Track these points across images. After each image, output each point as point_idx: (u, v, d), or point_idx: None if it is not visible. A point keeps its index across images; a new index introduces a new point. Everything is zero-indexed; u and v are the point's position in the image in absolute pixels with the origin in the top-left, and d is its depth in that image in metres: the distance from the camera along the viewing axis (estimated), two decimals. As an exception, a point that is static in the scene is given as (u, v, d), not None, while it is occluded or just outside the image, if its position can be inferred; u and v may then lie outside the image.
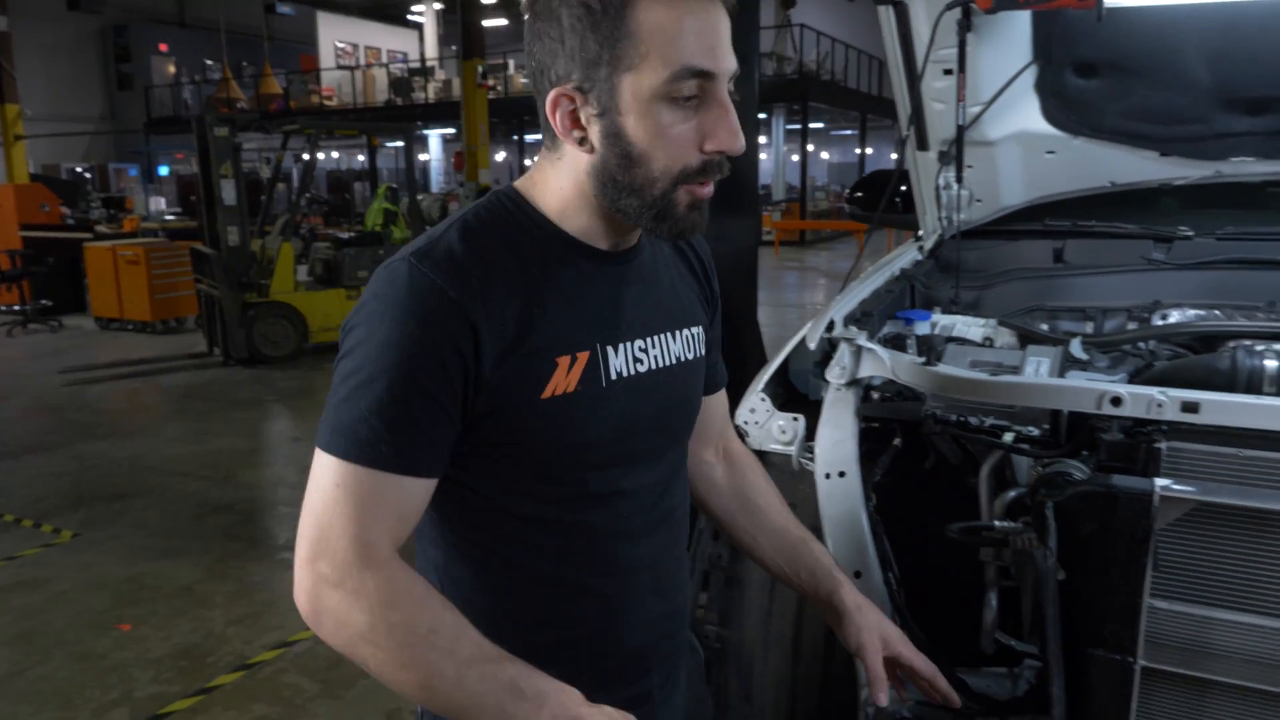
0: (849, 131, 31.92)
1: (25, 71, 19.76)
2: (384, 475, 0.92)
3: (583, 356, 1.00)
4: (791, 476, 1.81)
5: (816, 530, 1.67)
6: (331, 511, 0.92)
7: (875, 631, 1.22)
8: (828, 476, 1.67)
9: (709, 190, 0.99)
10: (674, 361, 1.10)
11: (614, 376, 1.03)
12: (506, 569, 1.04)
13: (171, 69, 26.77)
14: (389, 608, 0.90)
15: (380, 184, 10.61)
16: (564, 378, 0.98)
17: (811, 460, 1.77)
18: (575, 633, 1.07)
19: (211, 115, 8.24)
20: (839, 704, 1.65)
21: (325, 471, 0.93)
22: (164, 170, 25.91)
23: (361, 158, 27.71)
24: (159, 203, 20.19)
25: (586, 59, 0.93)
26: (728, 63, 0.94)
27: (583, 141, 0.97)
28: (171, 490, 5.10)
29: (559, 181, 1.01)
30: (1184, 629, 1.34)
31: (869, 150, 26.95)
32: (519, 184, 1.05)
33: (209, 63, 26.22)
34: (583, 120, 0.96)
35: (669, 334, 1.10)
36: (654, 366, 1.07)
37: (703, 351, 1.17)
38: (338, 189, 22.76)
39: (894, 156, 28.59)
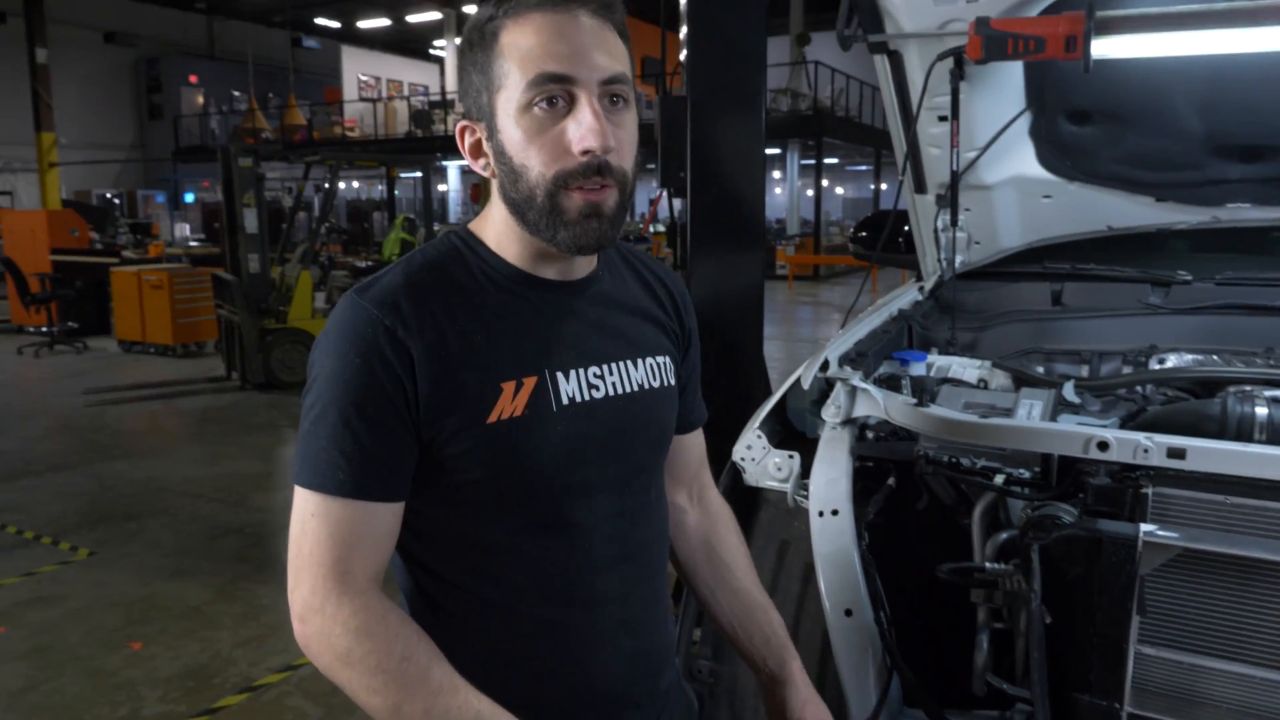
0: (863, 167, 32.03)
1: (61, 101, 20.18)
2: (349, 503, 0.95)
3: (529, 381, 1.01)
4: (786, 513, 1.82)
5: (810, 568, 1.68)
6: (308, 541, 0.96)
7: (821, 705, 1.22)
8: (821, 514, 1.67)
9: (604, 196, 0.98)
10: (635, 389, 1.09)
11: (565, 402, 1.02)
12: (467, 599, 1.04)
13: (200, 99, 27.23)
14: (363, 634, 0.92)
15: (398, 214, 10.73)
16: (510, 402, 0.99)
17: (806, 498, 1.77)
18: (538, 668, 1.05)
19: (236, 146, 8.37)
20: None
21: (301, 503, 0.97)
22: (189, 197, 26.28)
23: (381, 188, 28.00)
24: (184, 229, 20.47)
25: (473, 89, 1.00)
26: (587, 67, 0.96)
27: (486, 167, 1.03)
28: (185, 512, 5.13)
29: (494, 213, 1.05)
30: (1171, 676, 1.33)
31: (883, 185, 27.00)
32: (472, 223, 1.09)
33: (236, 94, 26.66)
34: (483, 148, 1.02)
35: (628, 362, 1.10)
36: (612, 393, 1.07)
37: (672, 381, 1.16)
38: (357, 218, 22.97)
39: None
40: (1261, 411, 1.55)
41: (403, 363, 0.95)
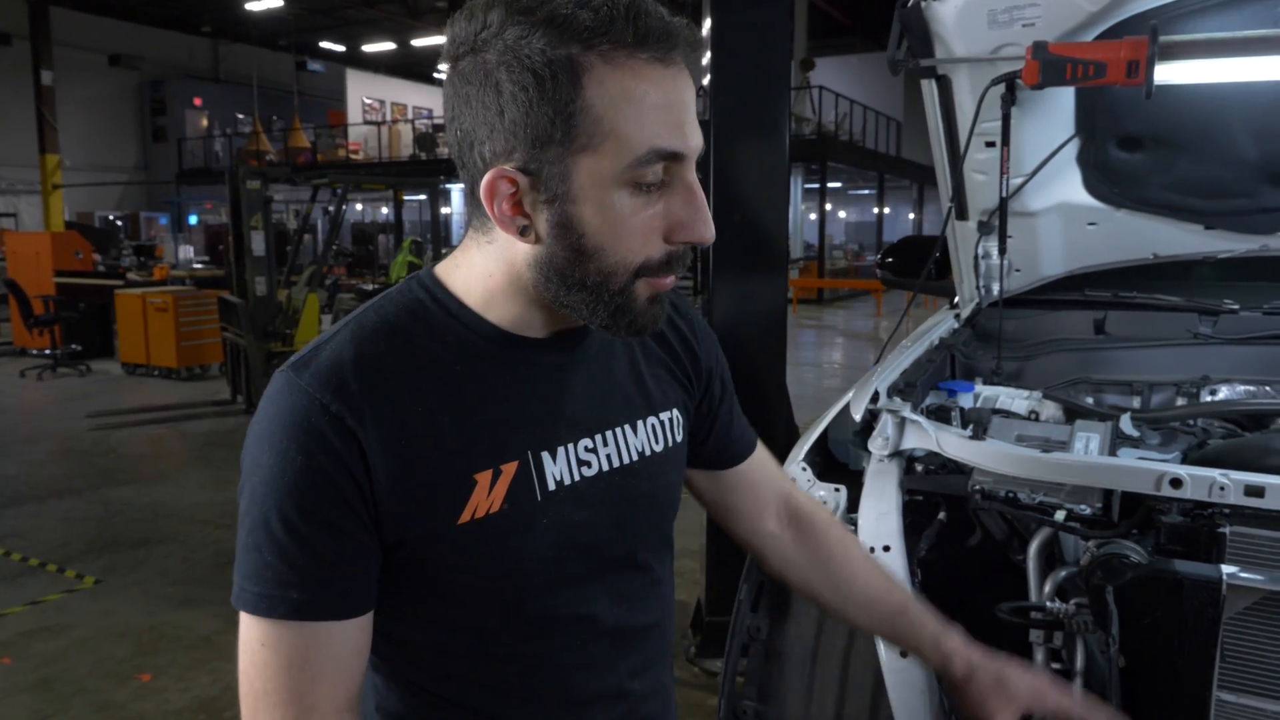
0: (866, 191, 32.17)
1: (66, 123, 20.32)
2: (306, 626, 0.80)
3: (509, 468, 0.86)
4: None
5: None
6: (262, 675, 0.81)
7: (996, 696, 1.09)
8: (873, 550, 1.62)
9: (671, 283, 0.86)
10: (635, 458, 0.95)
11: (552, 487, 0.88)
12: (442, 706, 0.91)
13: (204, 122, 27.42)
14: None
15: (405, 237, 10.73)
16: (486, 496, 0.84)
17: (854, 532, 1.73)
18: None
19: (244, 169, 8.38)
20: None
21: (248, 631, 0.82)
22: (193, 219, 26.39)
23: (386, 210, 28.13)
24: (188, 251, 20.51)
25: (534, 136, 0.78)
26: (696, 141, 0.81)
27: (525, 230, 0.82)
28: (193, 538, 5.07)
29: (487, 267, 0.87)
30: (1252, 723, 1.28)
31: (886, 210, 27.10)
32: (439, 268, 0.91)
33: (240, 116, 26.83)
34: (526, 207, 0.81)
35: (627, 426, 0.95)
36: (607, 468, 0.93)
37: (679, 438, 1.02)
38: (363, 241, 23.05)
39: (911, 217, 28.72)
40: (1332, 446, 1.51)
41: (353, 456, 0.79)
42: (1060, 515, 1.52)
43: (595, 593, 0.93)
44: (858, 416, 1.77)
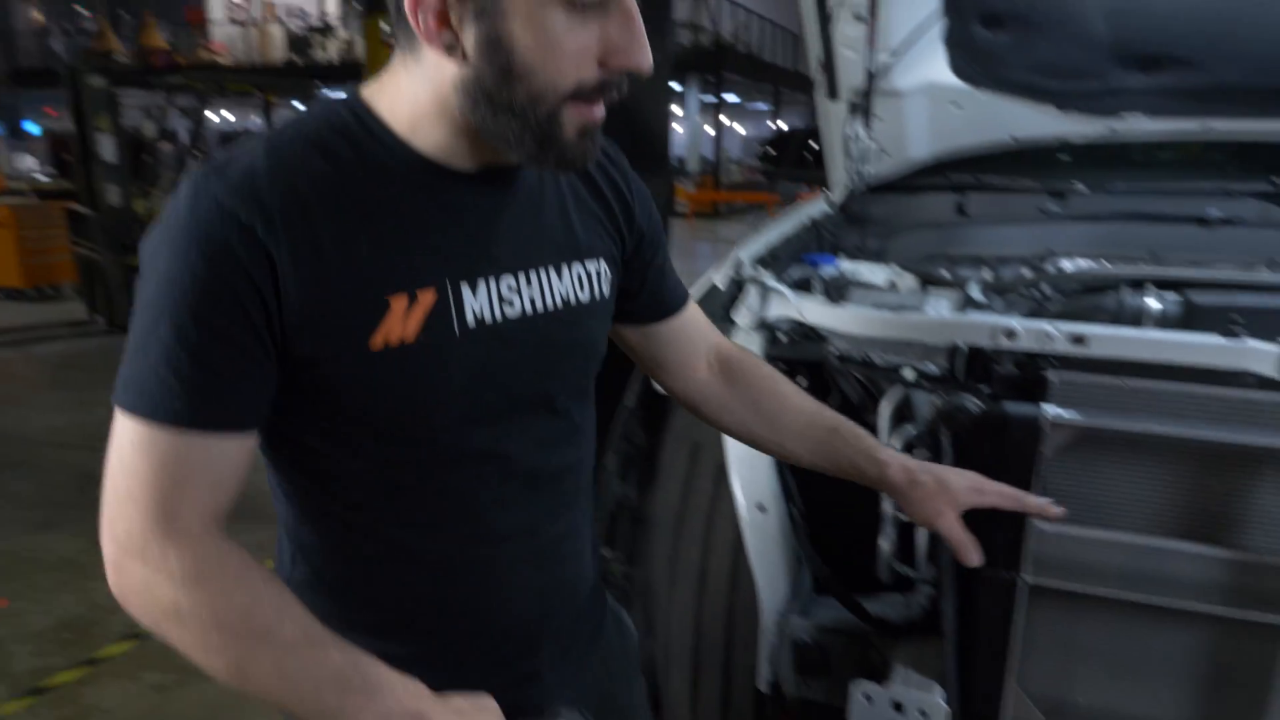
0: (762, 106, 32.26)
1: None
2: (184, 434, 0.80)
3: (426, 297, 0.85)
4: (698, 419, 1.86)
5: (722, 468, 1.73)
6: (129, 476, 0.80)
7: (937, 498, 1.13)
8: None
9: (601, 113, 0.86)
10: (559, 304, 0.96)
11: (471, 323, 0.88)
12: (355, 536, 0.93)
13: (37, 15, 25.20)
14: (195, 584, 0.79)
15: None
16: (400, 323, 0.84)
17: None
18: (436, 608, 0.97)
19: (85, 63, 7.81)
20: (743, 635, 1.71)
21: (122, 431, 0.81)
22: (34, 129, 24.48)
23: (257, 118, 26.69)
24: (27, 161, 19.07)
25: None
26: None
27: (452, 48, 0.81)
28: (49, 461, 4.88)
29: (414, 91, 0.86)
30: (1066, 549, 1.43)
31: (783, 125, 27.30)
32: (366, 90, 0.89)
33: (82, 10, 24.78)
34: (454, 21, 0.79)
35: (551, 269, 0.95)
36: (529, 310, 0.93)
37: (605, 293, 1.02)
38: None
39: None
40: (1153, 304, 1.67)
41: (261, 270, 0.78)
42: (909, 373, 1.64)
43: (510, 432, 0.94)
44: (722, 285, 1.85)
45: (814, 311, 1.70)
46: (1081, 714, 1.46)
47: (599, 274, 1.02)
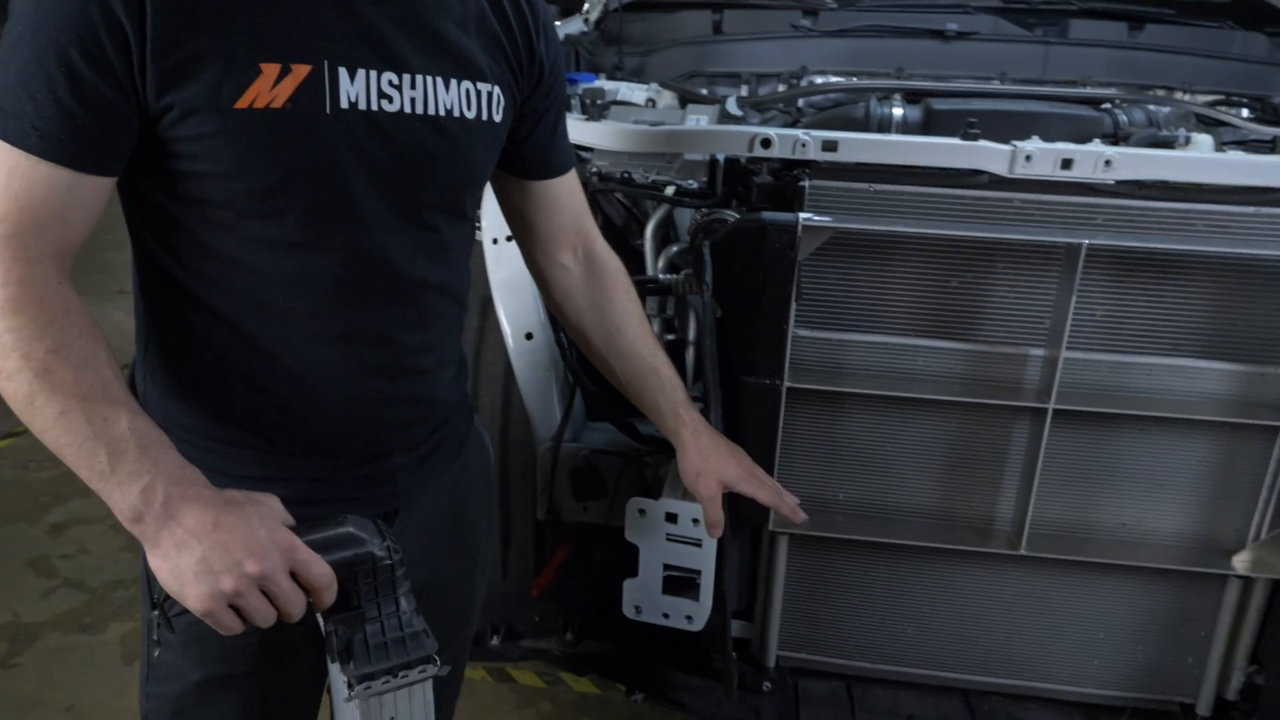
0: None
1: None
2: (36, 161, 0.79)
3: (300, 69, 0.84)
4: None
5: (488, 299, 1.66)
6: None
7: (713, 476, 1.22)
8: (495, 242, 1.63)
9: None
10: (443, 113, 0.94)
11: (345, 105, 0.87)
12: (202, 319, 0.91)
13: None
14: (10, 308, 0.78)
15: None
16: (269, 89, 0.82)
17: (479, 228, 1.72)
18: (280, 399, 0.95)
19: None
20: (518, 467, 1.69)
21: None
22: None
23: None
24: None
25: None
26: None
27: None
28: None
29: None
30: (822, 352, 1.50)
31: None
32: None
33: None
34: None
35: (439, 79, 0.93)
36: (408, 110, 0.91)
37: (496, 117, 1.00)
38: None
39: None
40: (897, 112, 1.73)
41: (130, 9, 0.77)
42: (670, 190, 1.61)
43: (374, 233, 0.93)
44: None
45: (572, 129, 1.61)
46: (842, 508, 1.56)
47: (491, 96, 0.99)
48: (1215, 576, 1.51)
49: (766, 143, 1.46)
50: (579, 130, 1.61)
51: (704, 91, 2.02)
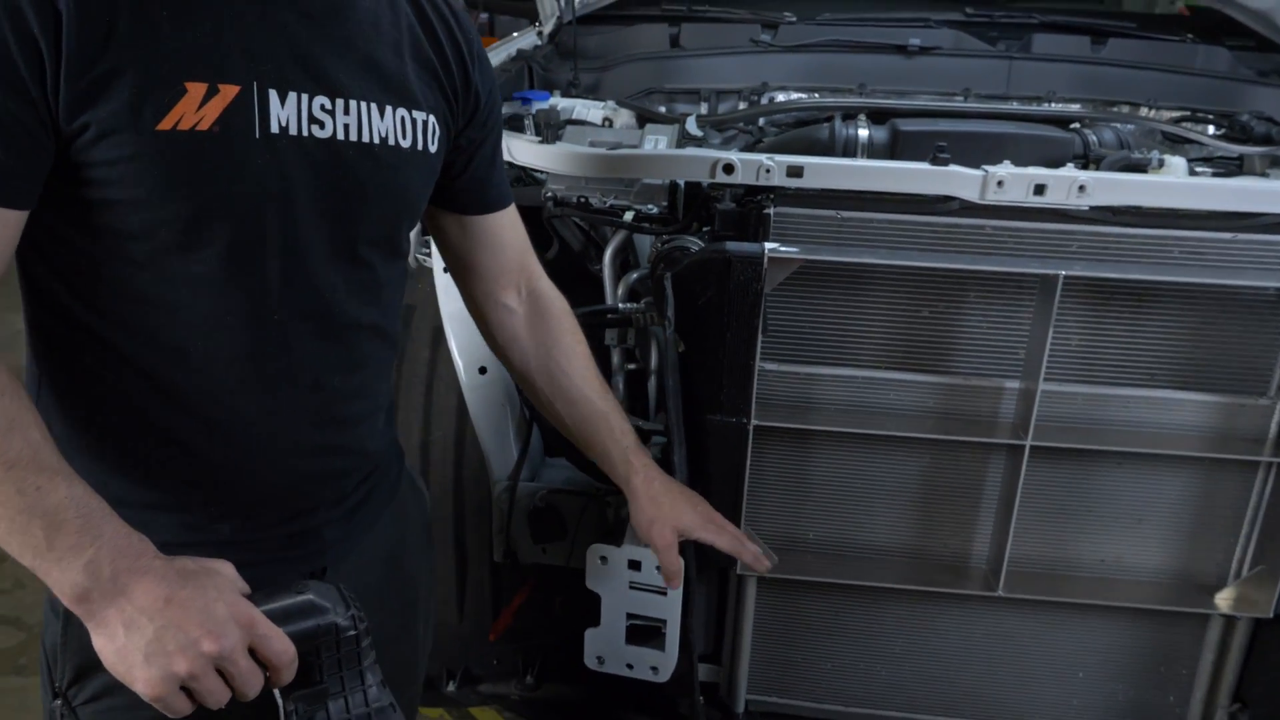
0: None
1: None
2: None
3: (229, 90, 0.79)
4: (409, 276, 1.68)
5: (439, 330, 1.58)
6: None
7: (667, 524, 1.19)
8: (445, 270, 1.55)
9: None
10: (378, 140, 0.89)
11: (275, 130, 0.81)
12: (110, 356, 0.84)
13: None
14: None
15: None
16: (195, 111, 0.77)
17: (429, 255, 1.64)
18: (195, 454, 0.89)
19: None
20: (473, 506, 1.61)
21: None
22: None
23: None
24: None
25: None
26: None
27: None
28: None
29: None
30: (790, 387, 1.43)
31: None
32: None
33: None
34: None
35: (374, 105, 0.89)
36: (341, 137, 0.86)
37: (431, 147, 0.96)
38: None
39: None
40: (863, 133, 1.67)
41: (44, 22, 0.72)
42: (629, 216, 1.54)
43: (302, 269, 0.87)
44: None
45: (525, 152, 1.55)
46: (813, 548, 1.49)
47: (426, 125, 0.95)
48: (1197, 615, 1.46)
49: (729, 168, 1.39)
50: (533, 153, 1.54)
51: (663, 109, 1.95)
